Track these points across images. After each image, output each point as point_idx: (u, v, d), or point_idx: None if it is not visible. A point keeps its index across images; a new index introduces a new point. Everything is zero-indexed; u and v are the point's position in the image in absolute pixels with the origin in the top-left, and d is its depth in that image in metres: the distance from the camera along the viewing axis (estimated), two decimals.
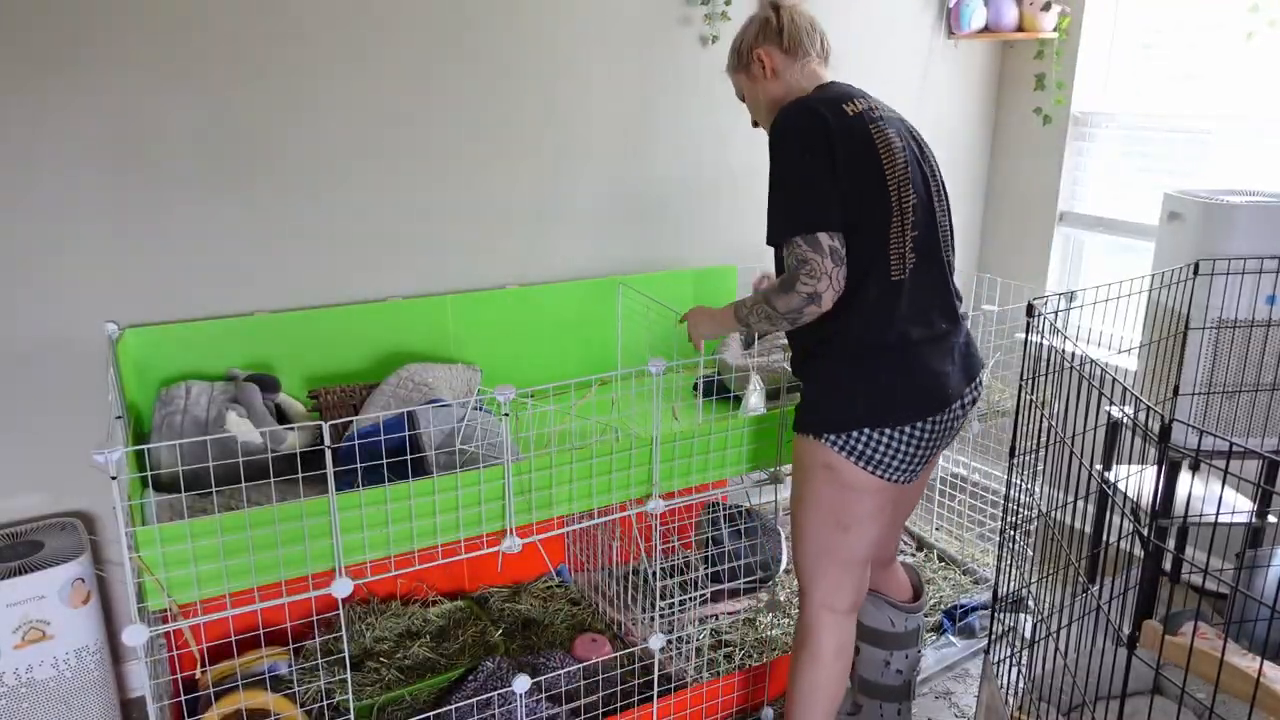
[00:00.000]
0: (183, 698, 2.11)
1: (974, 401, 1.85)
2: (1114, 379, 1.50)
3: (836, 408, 1.75)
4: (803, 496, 1.84)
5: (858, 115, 1.70)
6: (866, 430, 1.72)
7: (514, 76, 2.54)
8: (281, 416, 2.14)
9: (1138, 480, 2.28)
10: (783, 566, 2.55)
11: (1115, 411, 2.23)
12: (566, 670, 2.19)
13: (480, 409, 2.13)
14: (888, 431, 1.72)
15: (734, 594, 2.61)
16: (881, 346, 1.71)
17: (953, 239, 1.84)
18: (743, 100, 1.95)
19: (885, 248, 1.69)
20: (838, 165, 1.65)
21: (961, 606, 2.64)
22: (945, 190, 1.83)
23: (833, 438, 1.75)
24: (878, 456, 1.74)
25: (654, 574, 2.23)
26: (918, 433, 1.74)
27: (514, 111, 2.57)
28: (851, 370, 1.73)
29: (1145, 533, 1.42)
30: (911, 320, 1.72)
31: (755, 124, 1.96)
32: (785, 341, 2.36)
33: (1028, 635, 1.85)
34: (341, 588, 1.64)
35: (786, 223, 1.67)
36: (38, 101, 2.03)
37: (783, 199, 1.69)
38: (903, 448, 1.74)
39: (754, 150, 2.95)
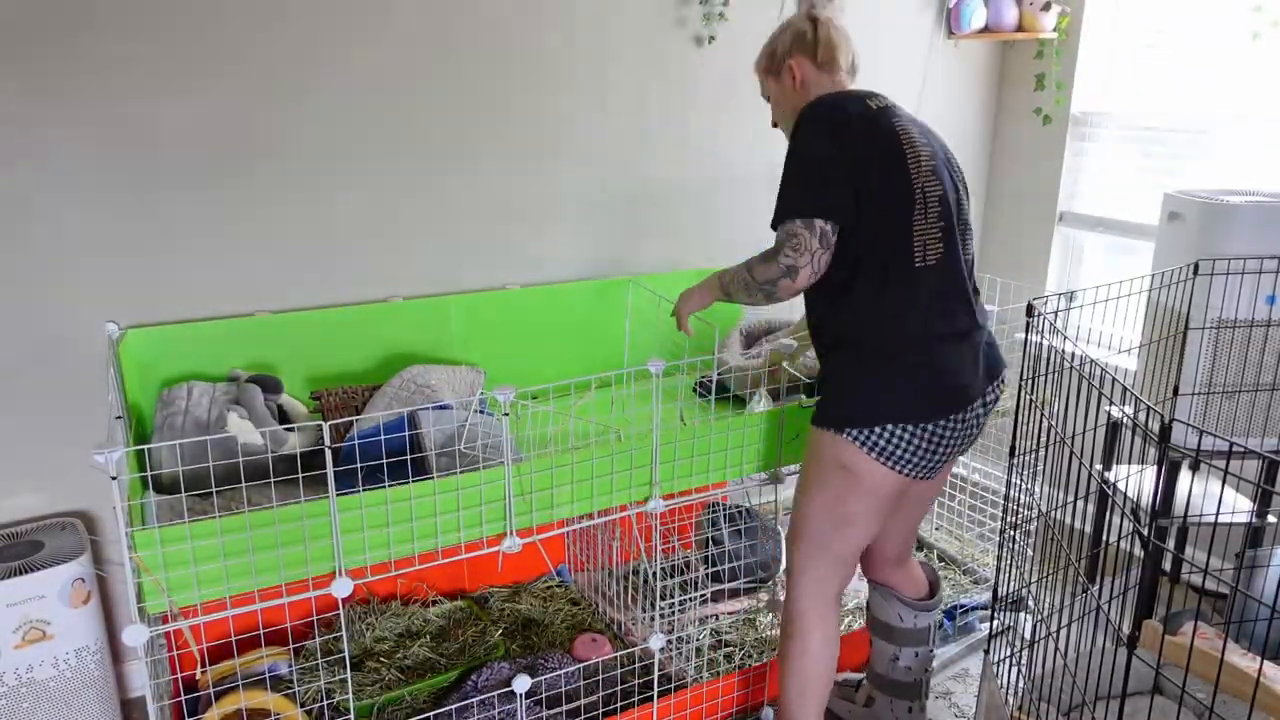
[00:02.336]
0: (183, 698, 2.11)
1: (995, 400, 1.86)
2: (1114, 379, 1.50)
3: (859, 404, 1.77)
4: (809, 488, 1.86)
5: (881, 109, 1.77)
6: (889, 426, 1.74)
7: (514, 77, 2.55)
8: (283, 418, 2.14)
9: (1138, 480, 2.28)
10: (782, 566, 2.55)
11: (1115, 411, 2.23)
12: (566, 670, 2.19)
13: (482, 410, 2.13)
14: (909, 428, 1.74)
15: (734, 594, 2.61)
16: (905, 342, 1.73)
17: (972, 238, 1.86)
18: (767, 100, 2.00)
19: (909, 234, 1.71)
20: (858, 153, 1.69)
21: (961, 606, 2.64)
22: (967, 190, 1.87)
23: (854, 433, 1.76)
24: (897, 452, 1.75)
25: (654, 574, 2.23)
26: (939, 430, 1.75)
27: (515, 112, 2.57)
28: (876, 366, 1.75)
29: (1145, 533, 1.42)
30: (934, 314, 1.74)
31: (775, 124, 2.01)
32: (786, 339, 2.37)
33: (1028, 635, 1.85)
34: (341, 588, 1.64)
35: (789, 205, 1.71)
36: (38, 101, 2.03)
37: (790, 183, 1.73)
38: (923, 445, 1.75)
39: (752, 150, 2.95)
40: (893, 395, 1.74)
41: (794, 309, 2.74)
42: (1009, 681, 1.86)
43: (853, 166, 1.70)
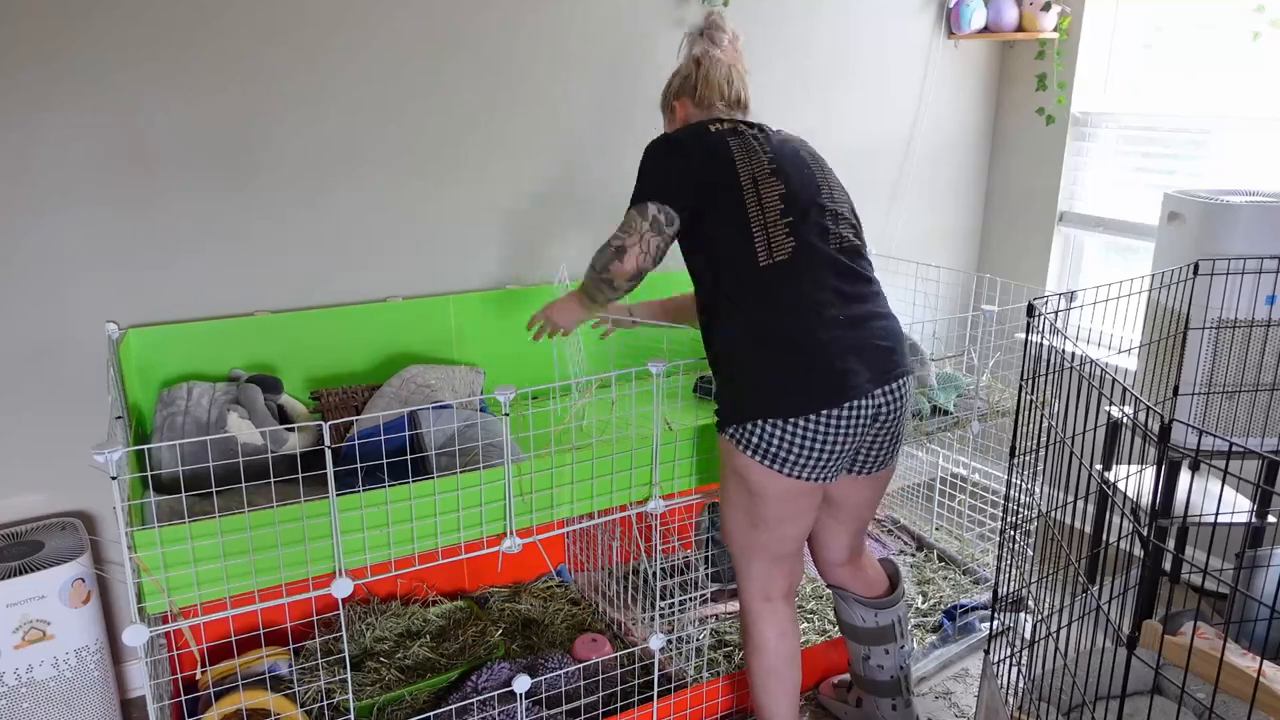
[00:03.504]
0: (183, 698, 2.11)
1: (894, 405, 1.81)
2: (1114, 379, 1.50)
3: (731, 401, 1.80)
4: (722, 493, 1.91)
5: (719, 130, 1.87)
6: (760, 422, 1.74)
7: (513, 77, 2.55)
8: (284, 418, 2.14)
9: (1137, 480, 2.28)
10: None
11: (1115, 411, 2.23)
12: (566, 670, 2.19)
13: (482, 410, 2.13)
14: (779, 423, 1.73)
15: (734, 594, 2.61)
16: (767, 339, 1.74)
17: (854, 234, 1.87)
18: None
19: (748, 234, 1.77)
20: (690, 163, 1.82)
21: (961, 606, 2.64)
22: (841, 194, 1.91)
23: (732, 430, 1.79)
24: (774, 450, 1.75)
25: (654, 574, 2.23)
26: (815, 426, 1.73)
27: (515, 112, 2.57)
28: (743, 363, 1.78)
29: (1145, 533, 1.42)
30: (798, 308, 1.74)
31: None
32: None
33: (1028, 635, 1.85)
34: (341, 588, 1.64)
35: (631, 201, 1.84)
36: (38, 102, 2.03)
37: (635, 190, 1.85)
38: (801, 441, 1.74)
39: None
40: (759, 392, 1.75)
41: None
42: (1009, 681, 1.86)
43: (686, 174, 1.81)
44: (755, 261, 1.76)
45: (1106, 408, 2.24)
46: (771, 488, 1.79)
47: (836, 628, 2.53)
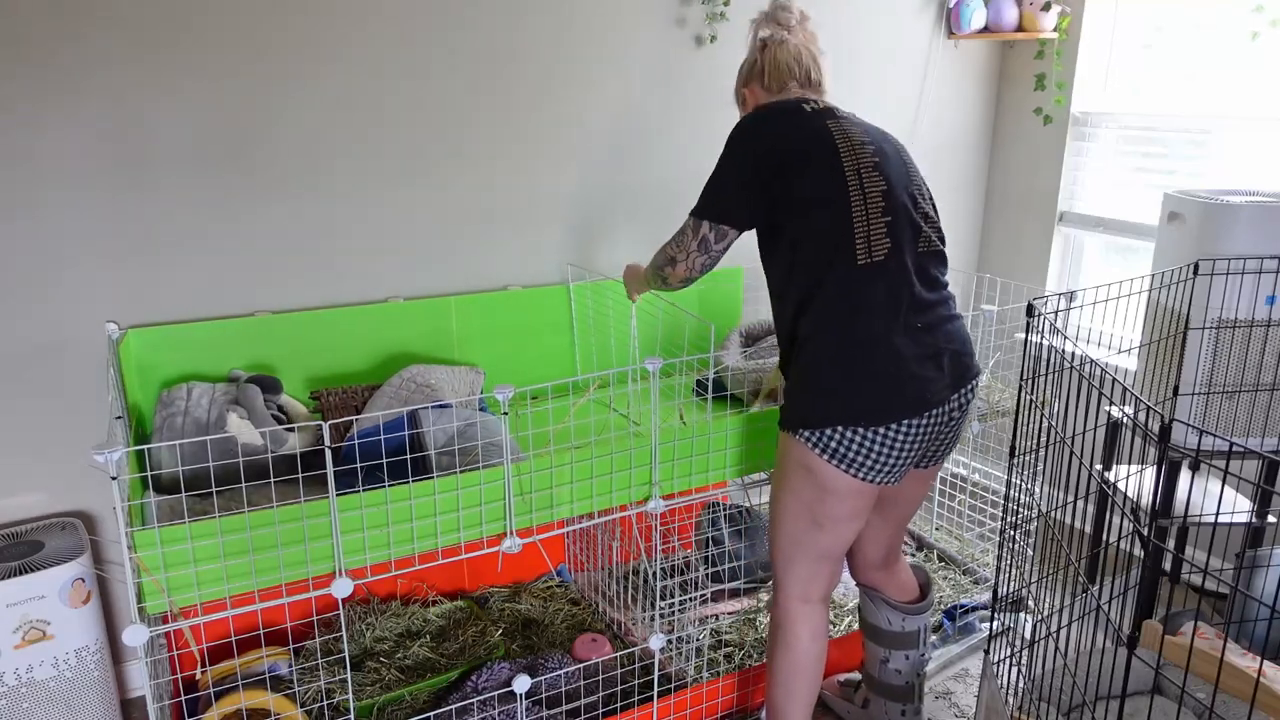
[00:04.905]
0: (183, 698, 2.11)
1: (964, 407, 1.82)
2: (1114, 379, 1.50)
3: (811, 404, 1.75)
4: (780, 490, 1.86)
5: (815, 112, 1.80)
6: (840, 428, 1.71)
7: (512, 78, 2.55)
8: (283, 418, 2.14)
9: (1138, 480, 2.28)
10: None
11: (1115, 411, 2.23)
12: (566, 670, 2.19)
13: (482, 409, 2.13)
14: (861, 430, 1.71)
15: (734, 594, 2.61)
16: (854, 343, 1.70)
17: (939, 237, 1.82)
18: None
19: (849, 231, 1.70)
20: (777, 148, 1.74)
21: (961, 606, 2.64)
22: (927, 192, 1.84)
23: (807, 434, 1.75)
24: (851, 455, 1.72)
25: (654, 574, 2.23)
26: (893, 434, 1.71)
27: (515, 112, 2.57)
28: (827, 366, 1.73)
29: (1145, 533, 1.42)
30: (887, 312, 1.70)
31: None
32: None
33: (1028, 635, 1.85)
34: (341, 588, 1.64)
35: (696, 204, 1.85)
36: (38, 102, 2.03)
37: (702, 191, 1.85)
38: (878, 448, 1.72)
39: None
40: (842, 397, 1.71)
41: None
42: (1009, 681, 1.86)
43: (763, 170, 1.74)
44: (854, 260, 1.70)
45: (1106, 408, 2.24)
46: (843, 486, 1.76)
47: (838, 628, 2.53)
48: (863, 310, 1.70)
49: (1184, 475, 2.34)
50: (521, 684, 1.83)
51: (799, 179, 1.72)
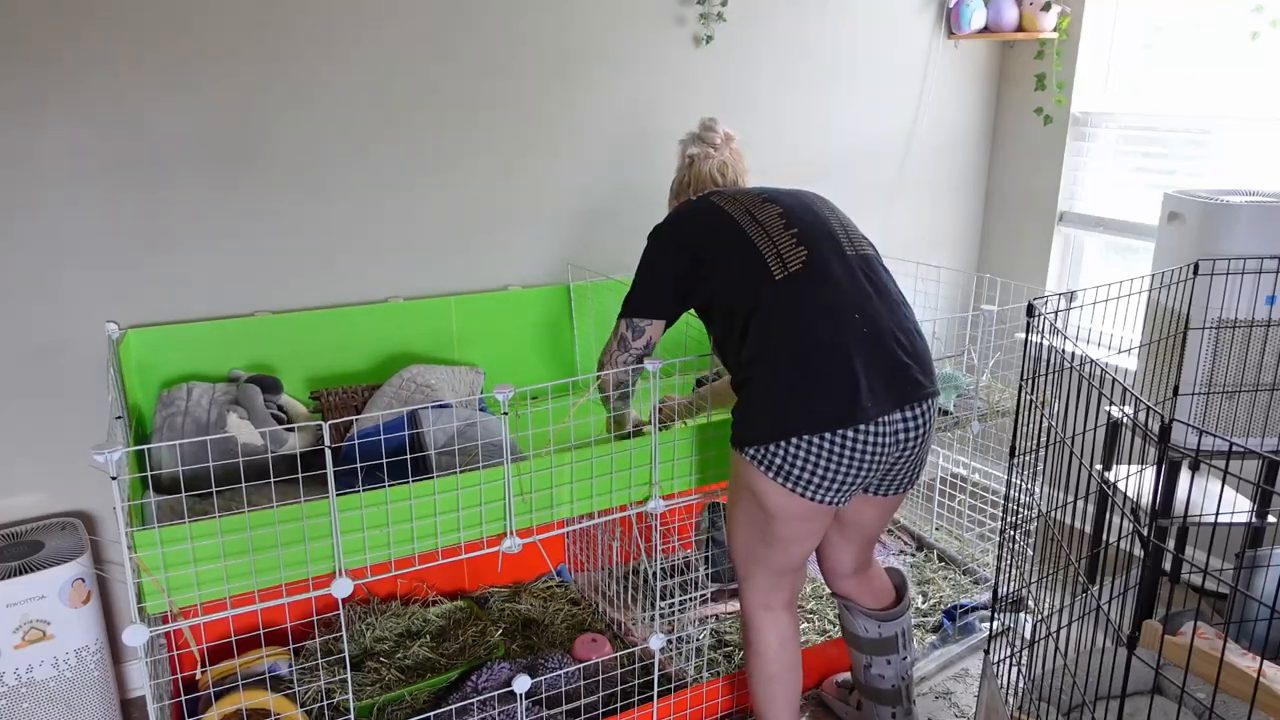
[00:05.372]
0: (183, 698, 2.11)
1: (918, 431, 1.76)
2: (1114, 379, 1.50)
3: (749, 421, 1.76)
4: (732, 508, 1.88)
5: (700, 194, 1.98)
6: (779, 441, 1.70)
7: (512, 78, 2.55)
8: (283, 418, 2.14)
9: (1138, 480, 2.28)
10: None
11: (1115, 411, 2.23)
12: (566, 670, 2.19)
13: (482, 409, 2.13)
14: (794, 441, 1.69)
15: (734, 594, 2.61)
16: (785, 350, 1.71)
17: (867, 243, 1.87)
18: None
19: (758, 255, 1.78)
20: (684, 234, 1.88)
21: (961, 606, 2.64)
22: (843, 215, 1.91)
23: (751, 451, 1.74)
24: (787, 468, 1.71)
25: (654, 574, 2.23)
26: (829, 445, 1.69)
27: (514, 112, 2.57)
28: (763, 382, 1.73)
29: (1145, 533, 1.42)
30: (817, 316, 1.71)
31: None
32: None
33: (1028, 635, 1.85)
34: (341, 588, 1.64)
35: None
36: (38, 103, 2.03)
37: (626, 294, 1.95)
38: (818, 461, 1.70)
39: (753, 151, 2.95)
40: (778, 410, 1.70)
41: None
42: (1009, 681, 1.86)
43: (678, 255, 1.87)
44: (770, 277, 1.74)
45: (1106, 408, 2.24)
46: (787, 508, 1.75)
47: (837, 627, 2.53)
48: (790, 318, 1.72)
49: (1184, 475, 2.34)
50: (521, 684, 1.83)
51: (708, 250, 1.83)
